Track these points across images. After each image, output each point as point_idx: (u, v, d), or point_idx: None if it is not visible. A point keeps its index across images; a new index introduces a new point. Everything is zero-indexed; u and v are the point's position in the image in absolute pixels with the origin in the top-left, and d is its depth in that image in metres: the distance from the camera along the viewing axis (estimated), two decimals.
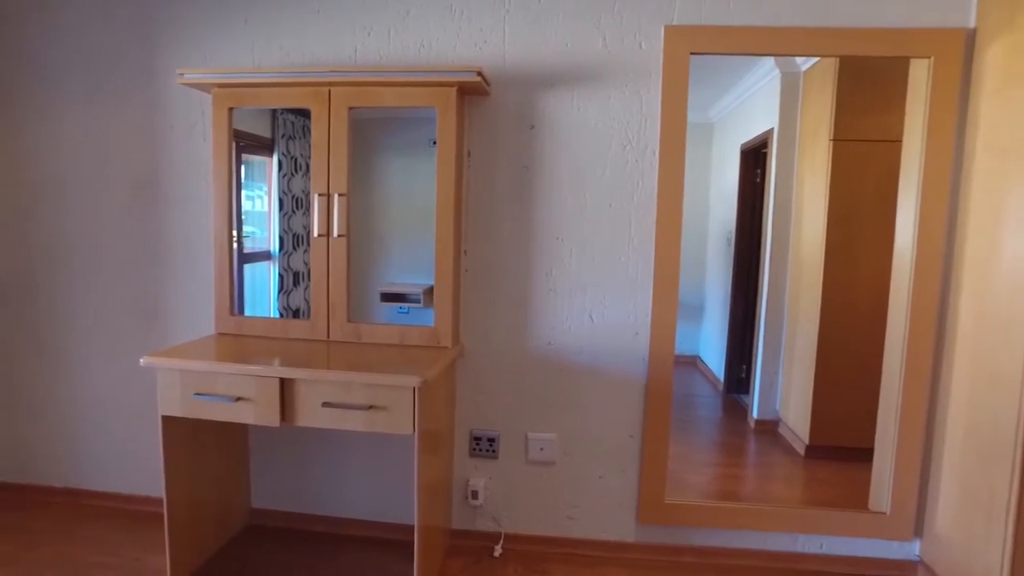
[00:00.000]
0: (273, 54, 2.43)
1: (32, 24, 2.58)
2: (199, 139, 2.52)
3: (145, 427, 2.69)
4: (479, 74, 2.09)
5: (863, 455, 2.50)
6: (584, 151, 2.31)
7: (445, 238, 2.21)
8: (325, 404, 1.93)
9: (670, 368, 2.34)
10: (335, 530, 2.59)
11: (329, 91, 2.21)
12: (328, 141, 2.24)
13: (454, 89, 2.15)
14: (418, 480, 1.96)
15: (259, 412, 1.98)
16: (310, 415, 1.95)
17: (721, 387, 4.68)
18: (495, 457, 2.47)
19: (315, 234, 2.28)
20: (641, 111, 2.27)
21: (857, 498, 2.49)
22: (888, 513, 2.30)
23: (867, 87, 2.91)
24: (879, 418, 2.39)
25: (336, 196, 2.25)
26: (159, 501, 2.61)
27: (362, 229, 2.36)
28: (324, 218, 2.26)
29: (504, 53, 2.31)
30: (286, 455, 2.60)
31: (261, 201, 2.49)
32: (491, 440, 2.46)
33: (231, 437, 2.50)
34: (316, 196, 2.26)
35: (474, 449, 2.47)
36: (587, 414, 2.41)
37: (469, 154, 2.35)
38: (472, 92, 2.26)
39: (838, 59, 2.85)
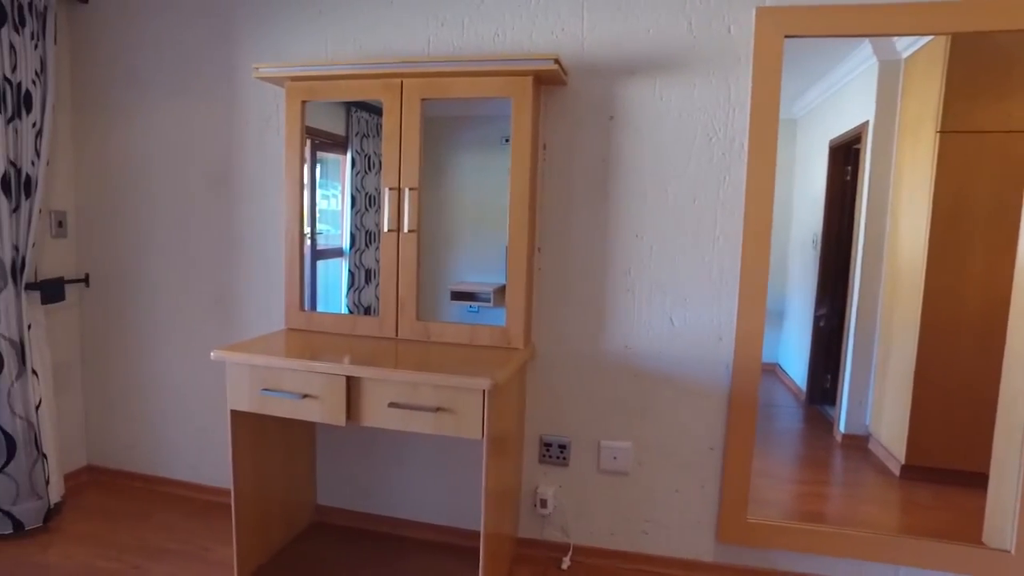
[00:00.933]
0: (347, 47, 2.40)
1: (129, 29, 2.65)
2: (273, 134, 2.52)
3: (218, 419, 2.72)
4: (556, 62, 1.98)
5: (968, 479, 2.25)
6: (666, 144, 2.17)
7: (518, 235, 2.12)
8: (392, 405, 1.87)
9: (756, 378, 2.16)
10: (399, 532, 2.54)
11: (401, 82, 2.16)
12: (400, 134, 2.18)
13: (530, 78, 2.06)
14: (486, 486, 1.87)
15: (325, 410, 1.94)
16: (376, 415, 1.90)
17: (803, 397, 4.41)
18: (565, 465, 2.36)
19: (385, 229, 2.23)
20: (729, 100, 2.11)
21: (967, 529, 2.24)
22: (1013, 552, 2.05)
23: (983, 71, 2.63)
24: (995, 441, 2.14)
25: (407, 190, 2.19)
26: (229, 493, 2.62)
27: (432, 227, 2.29)
28: (394, 213, 2.21)
29: (582, 41, 2.19)
30: (352, 453, 2.57)
31: (335, 200, 2.48)
32: (562, 447, 2.34)
33: (298, 433, 2.48)
34: (386, 190, 2.21)
35: (544, 455, 2.37)
36: (664, 423, 2.26)
37: (544, 147, 2.25)
38: (549, 82, 2.16)
39: (949, 39, 2.58)
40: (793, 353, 4.64)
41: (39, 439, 2.46)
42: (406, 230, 2.20)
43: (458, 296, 2.33)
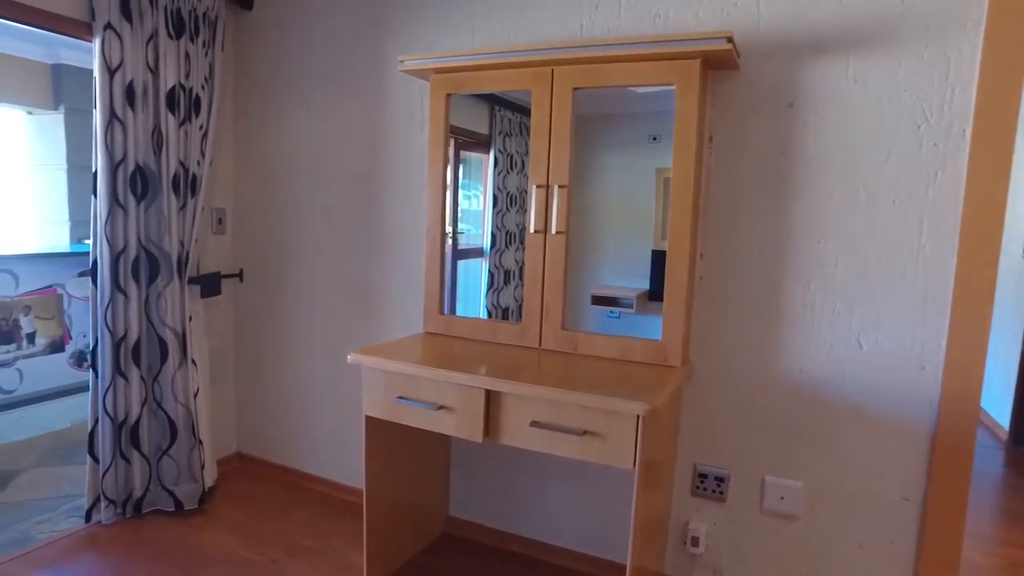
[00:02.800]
0: (495, 37, 2.28)
1: (288, 32, 2.71)
2: (417, 130, 2.45)
3: (356, 420, 2.71)
4: (729, 40, 1.71)
5: None
6: (860, 133, 1.82)
7: (678, 238, 1.88)
8: (534, 424, 1.70)
9: (973, 419, 1.76)
10: (533, 554, 2.38)
11: (552, 71, 1.99)
12: (549, 127, 2.01)
13: (697, 62, 1.81)
14: (635, 518, 1.65)
15: (461, 424, 1.81)
16: (516, 434, 1.74)
17: (1005, 437, 3.74)
18: (722, 500, 2.08)
19: (531, 230, 2.07)
20: (947, 78, 1.73)
21: None
22: None
23: None
24: None
25: (556, 188, 2.02)
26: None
27: (576, 229, 2.11)
28: (542, 212, 2.05)
29: (759, 17, 1.90)
30: (489, 466, 2.45)
31: (477, 199, 2.38)
32: (719, 480, 2.07)
33: (434, 441, 2.40)
34: (534, 188, 2.05)
35: (697, 487, 2.10)
36: (845, 463, 1.92)
37: (711, 140, 1.99)
38: (718, 65, 1.89)
39: None
40: (993, 384, 3.96)
41: (196, 425, 2.57)
42: (554, 231, 2.03)
43: (599, 301, 2.16)
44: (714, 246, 2.01)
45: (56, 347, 3.59)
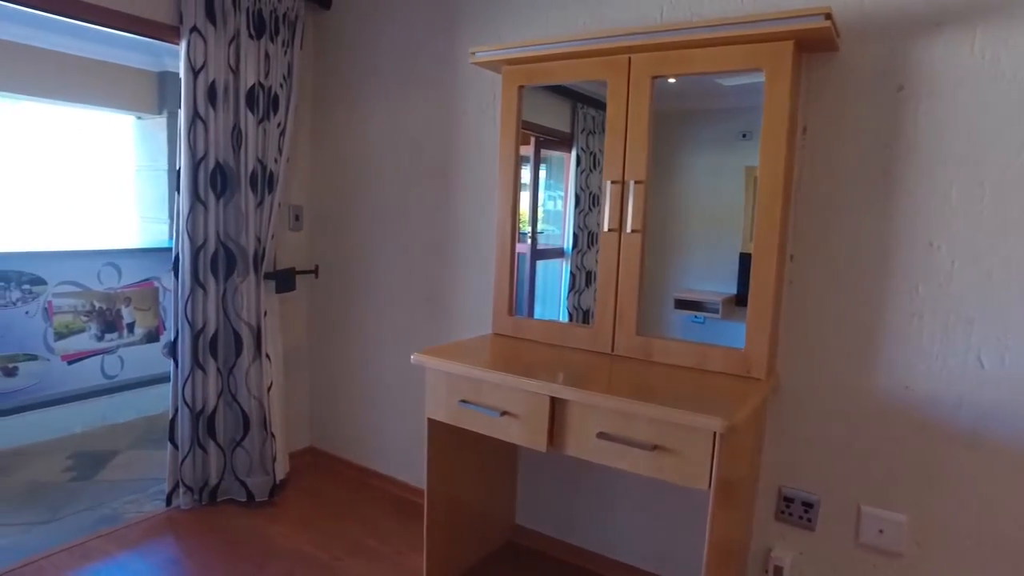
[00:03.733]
0: (570, 28, 2.17)
1: (364, 29, 2.72)
2: (490, 125, 2.38)
3: (424, 420, 2.67)
4: (827, 17, 1.53)
5: None
6: (987, 119, 1.59)
7: (766, 239, 1.70)
8: (601, 435, 1.58)
9: None
10: (600, 570, 2.26)
11: (629, 59, 1.86)
12: (625, 119, 1.89)
13: (789, 44, 1.63)
14: (710, 540, 1.50)
15: (525, 432, 1.72)
16: (582, 445, 1.63)
17: None
18: (810, 528, 1.88)
19: (604, 228, 1.95)
20: None
21: None
22: None
23: None
24: None
25: (632, 184, 1.89)
26: None
27: (657, 230, 1.98)
28: (616, 210, 1.92)
29: None
30: (556, 474, 2.35)
31: (559, 198, 2.31)
32: (807, 505, 1.87)
33: (500, 447, 2.32)
34: (608, 184, 1.93)
35: (782, 512, 1.91)
36: (961, 496, 1.68)
37: (805, 131, 1.80)
38: (814, 47, 1.71)
39: None
40: None
41: (269, 419, 2.61)
42: (629, 230, 1.91)
43: (683, 305, 2.02)
44: (806, 247, 1.82)
45: (152, 337, 3.78)
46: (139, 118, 4.64)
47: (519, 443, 1.74)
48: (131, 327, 3.75)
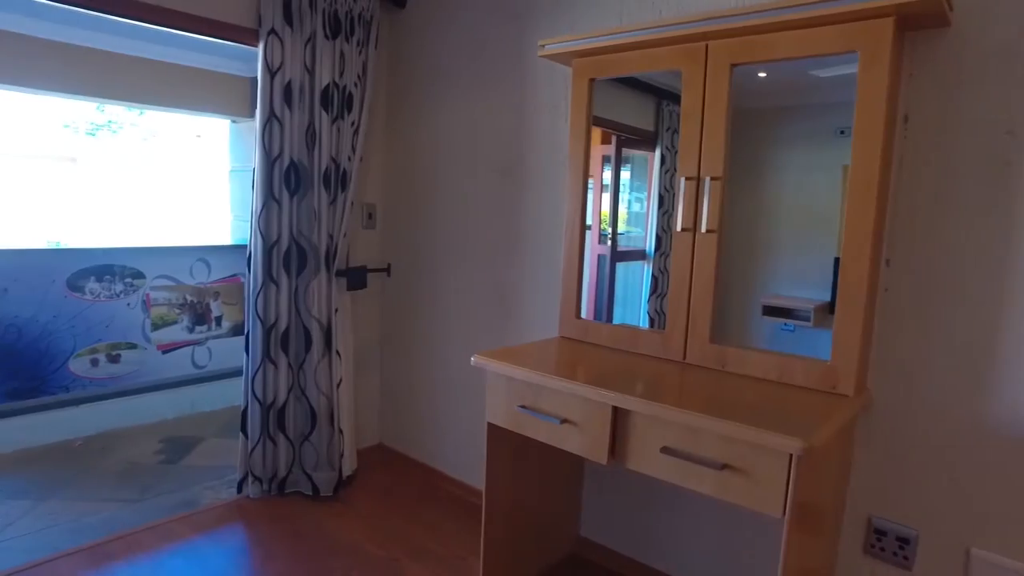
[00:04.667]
0: (646, 14, 2.06)
1: (438, 28, 2.71)
2: (562, 121, 2.30)
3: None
4: None
5: None
6: None
7: (856, 241, 1.53)
8: (665, 450, 1.47)
9: None
10: None
11: (706, 46, 1.73)
12: (702, 111, 1.76)
13: (889, 20, 1.45)
14: (783, 572, 1.36)
15: (585, 442, 1.62)
16: (645, 459, 1.52)
17: None
18: (907, 566, 1.68)
19: (677, 228, 1.83)
20: None
21: None
22: None
23: None
24: None
25: (707, 181, 1.76)
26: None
27: (744, 232, 1.84)
28: (690, 208, 1.80)
29: None
30: (622, 486, 2.23)
31: (640, 199, 2.21)
32: (903, 540, 1.67)
33: (564, 454, 2.23)
34: (682, 181, 1.81)
35: (872, 546, 1.72)
36: None
37: (906, 119, 1.61)
38: (918, 23, 1.52)
39: None
40: None
41: (337, 415, 2.64)
42: (703, 230, 1.77)
43: (771, 311, 1.87)
44: (905, 251, 1.62)
45: (237, 330, 3.95)
46: (234, 122, 4.87)
47: (578, 453, 1.65)
48: (219, 320, 3.93)
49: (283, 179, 2.45)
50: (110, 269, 3.48)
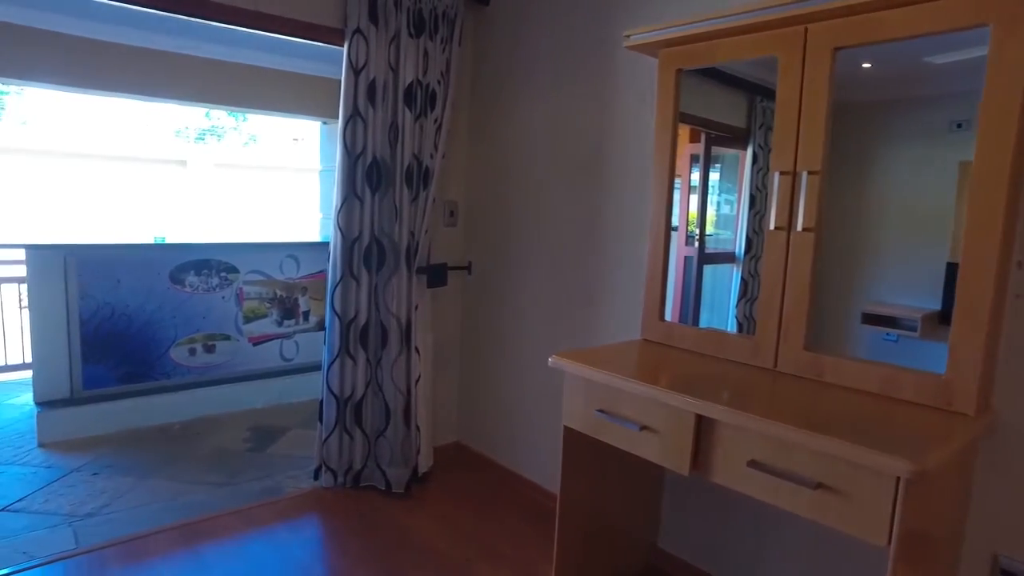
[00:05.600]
0: (734, 0, 1.93)
1: (522, 22, 2.68)
2: (648, 115, 2.21)
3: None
4: None
5: None
6: None
7: (981, 242, 1.36)
8: (752, 464, 1.36)
9: None
10: None
11: (806, 29, 1.60)
12: (799, 100, 1.63)
13: None
14: None
15: (666, 451, 1.54)
16: (730, 472, 1.42)
17: None
18: None
19: (771, 226, 1.70)
20: None
21: None
22: None
23: None
24: None
25: (804, 175, 1.62)
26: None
27: (842, 233, 1.69)
28: (785, 204, 1.67)
29: None
30: (704, 498, 2.12)
31: (732, 204, 2.11)
32: None
33: (644, 462, 2.13)
34: (776, 176, 1.68)
35: None
36: None
37: None
38: None
39: None
40: None
41: (414, 412, 2.66)
42: (799, 228, 1.64)
43: (872, 320, 1.72)
44: None
45: (323, 325, 4.07)
46: (324, 123, 5.04)
47: (659, 462, 1.57)
48: (306, 315, 4.07)
49: (365, 176, 2.48)
50: (207, 264, 3.67)
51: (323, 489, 2.66)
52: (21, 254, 3.37)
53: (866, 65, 1.62)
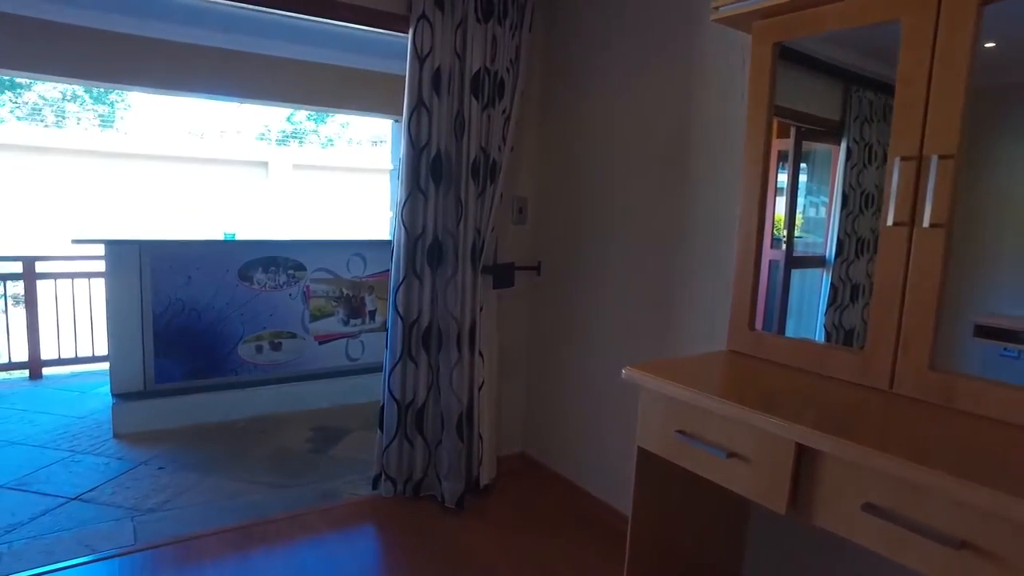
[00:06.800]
0: None
1: (597, 7, 2.49)
2: (737, 99, 1.97)
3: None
4: None
5: None
6: None
7: None
8: (869, 508, 1.12)
9: None
10: None
11: None
12: (929, 72, 1.37)
13: None
14: None
15: (758, 484, 1.31)
16: (839, 516, 1.18)
17: None
18: None
19: (888, 222, 1.44)
20: None
21: None
22: None
23: None
24: None
25: (934, 160, 1.36)
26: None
27: (956, 233, 1.42)
28: (907, 196, 1.41)
29: None
30: (797, 537, 1.86)
31: (820, 207, 1.90)
32: None
33: (727, 490, 1.90)
34: (897, 162, 1.42)
35: None
36: None
37: None
38: None
39: None
40: None
41: (477, 420, 2.51)
42: (926, 223, 1.38)
43: (986, 333, 1.48)
44: None
45: None
46: (396, 121, 5.00)
47: (749, 496, 1.35)
48: (372, 315, 4.01)
49: (430, 169, 2.36)
50: (275, 261, 3.66)
51: (381, 498, 2.54)
52: (91, 250, 3.47)
53: (989, 45, 1.35)
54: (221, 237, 3.71)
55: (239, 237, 3.75)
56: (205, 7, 2.81)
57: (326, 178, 11.69)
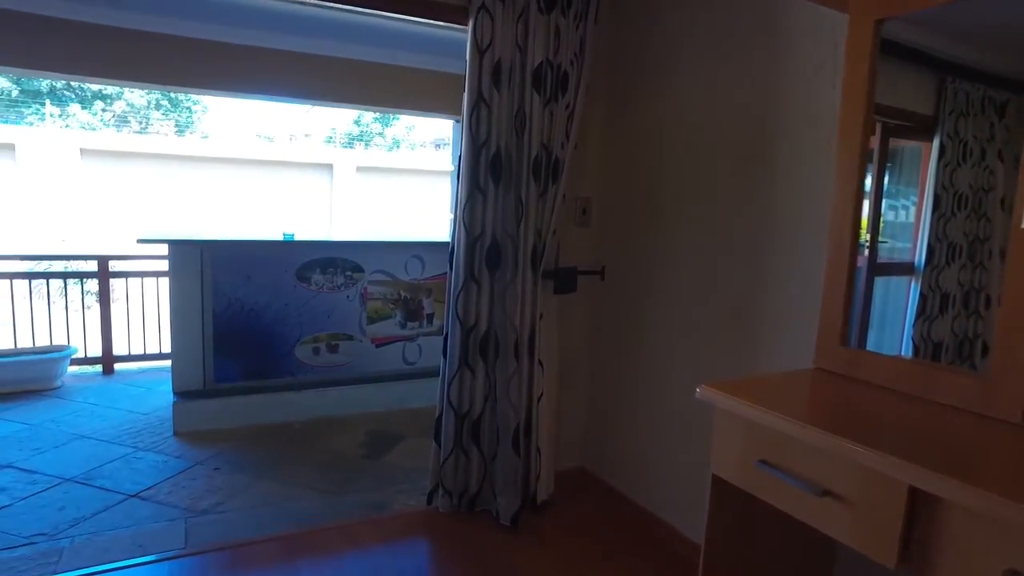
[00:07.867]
0: None
1: None
2: (827, 87, 1.77)
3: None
4: None
5: None
6: None
7: None
8: (1011, 574, 0.92)
9: None
10: None
11: None
12: None
13: None
14: None
15: (859, 530, 1.12)
16: None
17: None
18: None
19: (1023, 224, 1.23)
20: None
21: None
22: None
23: None
24: None
25: None
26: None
27: None
28: None
29: None
30: None
31: (909, 210, 1.70)
32: None
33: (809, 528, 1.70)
34: None
35: None
36: None
37: None
38: None
39: None
40: None
41: (535, 432, 2.37)
42: None
43: None
44: None
45: None
46: (456, 121, 4.93)
47: (849, 544, 1.15)
48: (430, 318, 3.94)
49: (489, 168, 2.24)
50: (333, 262, 3.63)
51: (433, 511, 2.43)
52: (158, 250, 3.52)
53: None
54: (280, 237, 3.70)
55: (299, 238, 3.73)
56: (275, 7, 2.80)
57: (389, 180, 11.83)
